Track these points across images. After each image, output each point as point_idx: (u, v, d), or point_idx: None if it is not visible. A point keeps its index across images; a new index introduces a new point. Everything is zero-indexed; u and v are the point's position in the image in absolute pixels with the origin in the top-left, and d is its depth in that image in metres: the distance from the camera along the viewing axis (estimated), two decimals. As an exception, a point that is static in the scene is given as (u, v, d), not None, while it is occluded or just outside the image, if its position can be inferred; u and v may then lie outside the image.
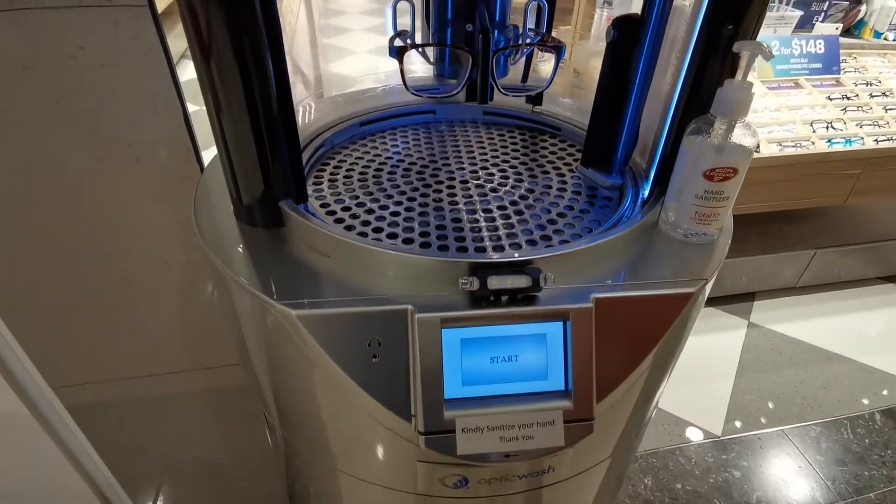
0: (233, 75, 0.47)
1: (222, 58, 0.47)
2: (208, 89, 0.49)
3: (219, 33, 0.45)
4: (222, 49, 0.46)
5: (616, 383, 0.50)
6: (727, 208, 0.53)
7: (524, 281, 0.46)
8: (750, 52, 0.45)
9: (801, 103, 1.86)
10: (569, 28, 2.15)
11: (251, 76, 0.47)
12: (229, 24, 0.45)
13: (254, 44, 0.46)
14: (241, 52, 0.46)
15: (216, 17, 0.44)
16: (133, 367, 1.07)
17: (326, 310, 0.46)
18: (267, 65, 0.47)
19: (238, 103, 0.49)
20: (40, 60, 0.70)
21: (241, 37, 0.45)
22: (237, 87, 0.48)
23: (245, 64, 0.47)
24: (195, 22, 0.44)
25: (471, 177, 0.69)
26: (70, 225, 0.85)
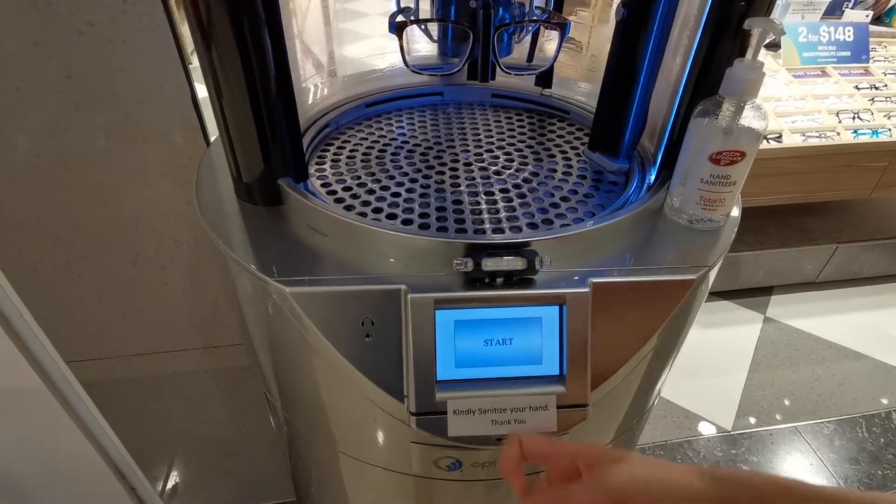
0: (231, 54, 0.47)
1: (221, 36, 0.46)
2: (208, 68, 0.48)
3: (217, 11, 0.45)
4: (221, 28, 0.46)
5: (613, 370, 0.49)
6: (734, 194, 0.51)
7: (520, 263, 0.45)
8: (761, 30, 0.43)
9: (828, 92, 1.80)
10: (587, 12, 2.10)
11: (250, 55, 0.47)
12: (228, 3, 0.44)
13: (252, 22, 0.46)
14: (239, 30, 0.46)
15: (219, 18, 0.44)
16: (143, 345, 1.09)
17: (320, 287, 0.46)
18: (265, 43, 0.47)
19: (237, 82, 0.48)
20: (50, 37, 0.70)
21: (240, 15, 0.45)
22: (236, 65, 0.48)
23: (244, 42, 0.47)
24: (195, 2, 0.44)
25: (475, 159, 0.68)
26: (81, 203, 0.86)
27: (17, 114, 0.75)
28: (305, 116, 0.72)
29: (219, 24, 0.46)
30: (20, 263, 0.92)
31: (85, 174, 0.83)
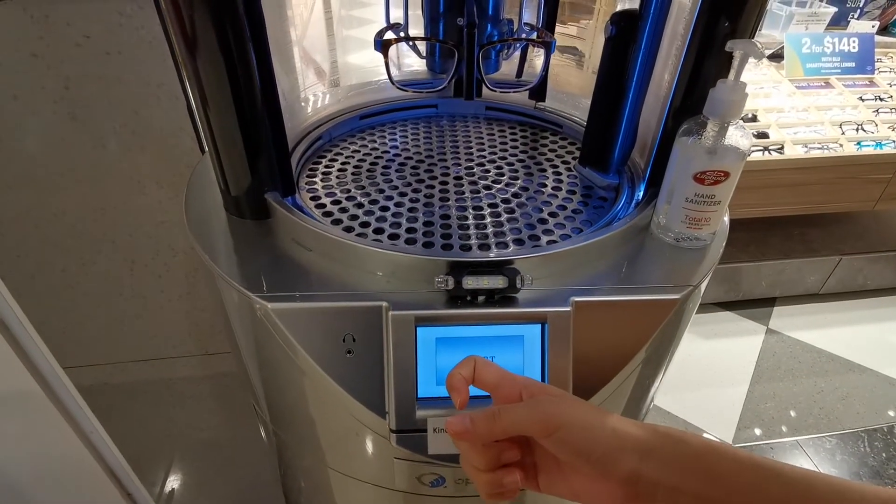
0: (217, 68, 0.47)
1: (206, 51, 0.47)
2: (194, 82, 0.49)
3: (202, 25, 0.45)
4: (206, 42, 0.46)
5: (595, 389, 0.49)
6: (719, 213, 0.51)
7: (500, 282, 0.45)
8: (742, 52, 0.43)
9: (831, 104, 1.79)
10: (589, 23, 2.11)
11: (235, 69, 0.48)
12: (212, 18, 0.45)
13: (237, 38, 0.46)
14: (224, 44, 0.46)
15: (200, 13, 0.44)
16: (139, 351, 1.10)
17: (301, 303, 0.47)
18: (250, 59, 0.47)
19: (223, 96, 0.49)
20: (48, 48, 0.71)
21: (224, 29, 0.46)
22: (222, 79, 0.48)
23: (229, 57, 0.47)
24: (179, 16, 0.45)
25: (466, 173, 0.68)
26: (78, 210, 0.87)
27: (15, 123, 0.77)
28: (299, 128, 0.73)
29: (203, 38, 0.46)
30: (18, 270, 0.93)
31: (82, 182, 0.84)
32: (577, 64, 1.37)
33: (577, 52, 1.40)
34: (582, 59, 1.29)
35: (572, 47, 2.18)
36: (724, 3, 0.47)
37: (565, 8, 3.41)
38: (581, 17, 2.54)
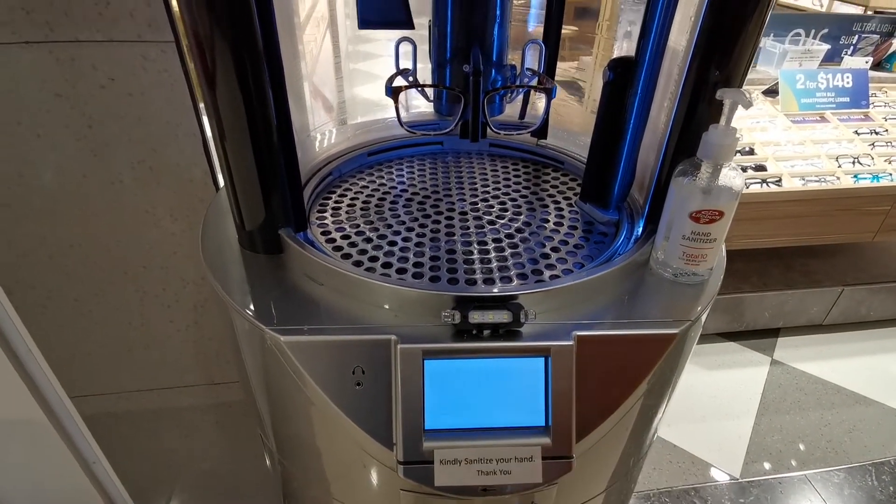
0: (237, 109, 0.50)
1: (227, 94, 0.50)
2: (214, 121, 0.52)
3: (224, 73, 0.49)
4: (227, 86, 0.49)
5: (598, 422, 0.50)
6: (715, 250, 0.53)
7: (505, 316, 0.47)
8: (732, 100, 0.46)
9: (827, 137, 1.83)
10: (590, 58, 2.17)
11: (253, 109, 0.50)
12: (235, 65, 0.48)
13: (256, 78, 0.49)
14: (244, 85, 0.49)
15: (221, 53, 0.47)
16: (146, 381, 1.10)
17: (313, 337, 0.48)
18: (267, 98, 0.50)
19: (242, 136, 0.52)
20: (73, 89, 0.75)
21: (245, 73, 0.49)
22: (240, 119, 0.51)
23: (248, 97, 0.50)
24: (202, 57, 0.48)
25: (471, 208, 0.71)
26: (94, 242, 0.90)
27: (37, 159, 0.80)
28: (310, 165, 0.76)
29: (223, 78, 0.49)
30: (32, 299, 0.95)
31: (99, 215, 0.87)
32: (578, 98, 1.41)
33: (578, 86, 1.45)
34: (582, 93, 1.34)
35: (573, 82, 2.24)
36: (714, 54, 0.50)
37: (566, 44, 3.51)
38: (581, 52, 2.60)
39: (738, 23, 0.49)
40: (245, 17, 0.45)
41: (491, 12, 0.56)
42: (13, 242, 0.86)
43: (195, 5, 0.45)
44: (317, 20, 1.71)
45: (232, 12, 0.45)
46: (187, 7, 0.45)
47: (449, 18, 0.57)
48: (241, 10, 0.45)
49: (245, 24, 0.46)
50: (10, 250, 0.87)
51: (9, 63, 0.72)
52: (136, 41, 0.72)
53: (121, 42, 0.71)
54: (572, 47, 3.27)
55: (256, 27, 0.46)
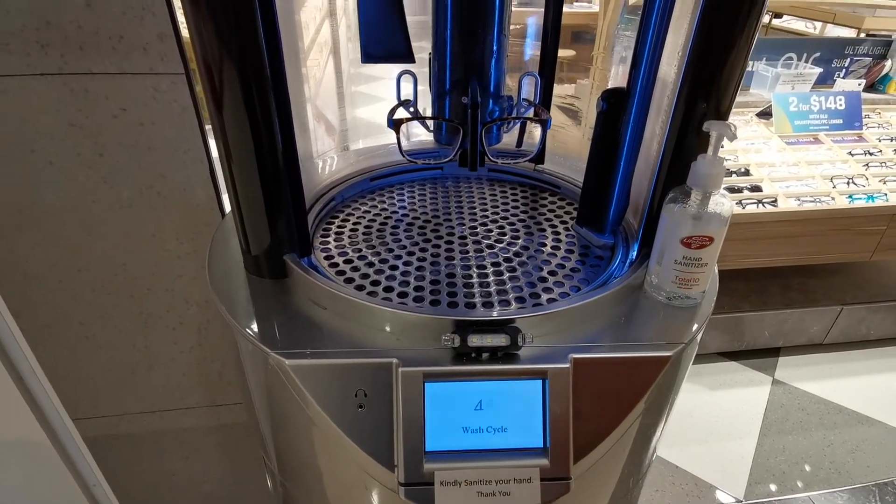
0: (245, 140, 0.53)
1: (235, 122, 0.52)
2: (223, 150, 0.54)
3: (231, 101, 0.51)
4: (235, 114, 0.52)
5: (595, 443, 0.51)
6: (707, 274, 0.55)
7: (503, 339, 0.48)
8: (718, 132, 0.48)
9: (821, 158, 1.86)
10: (587, 81, 2.22)
11: (262, 140, 0.53)
12: (243, 93, 0.50)
13: (265, 115, 0.51)
14: (253, 117, 0.52)
15: (230, 86, 0.50)
16: (149, 402, 1.11)
17: (317, 360, 0.50)
18: (275, 129, 0.53)
19: (249, 165, 0.54)
20: (86, 119, 0.78)
21: (253, 106, 0.51)
22: (249, 151, 0.53)
23: (256, 128, 0.52)
24: (213, 87, 0.50)
25: (470, 233, 0.72)
26: (102, 266, 0.91)
27: (48, 185, 0.82)
28: (314, 190, 0.78)
29: (233, 113, 0.51)
30: (39, 322, 0.96)
31: (107, 239, 0.89)
32: (575, 122, 1.44)
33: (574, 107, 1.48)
34: (579, 118, 1.37)
35: (571, 106, 2.28)
36: (701, 85, 0.52)
37: (564, 67, 3.57)
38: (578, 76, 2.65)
39: (723, 52, 0.51)
40: (254, 46, 0.48)
41: (488, 47, 0.59)
42: (24, 266, 0.88)
43: (206, 35, 0.47)
44: (320, 46, 1.75)
45: (241, 42, 0.47)
46: (198, 36, 0.47)
47: (448, 53, 0.59)
48: (249, 40, 0.47)
49: (253, 54, 0.48)
50: (21, 273, 0.89)
51: (24, 93, 0.75)
52: (148, 73, 0.75)
53: (133, 74, 0.74)
54: (570, 70, 3.34)
55: (264, 56, 0.49)
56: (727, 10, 0.49)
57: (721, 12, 0.49)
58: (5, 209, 0.83)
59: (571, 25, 3.69)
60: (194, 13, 0.46)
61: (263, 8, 0.46)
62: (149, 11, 0.70)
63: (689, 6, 0.52)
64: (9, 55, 0.72)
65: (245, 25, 0.47)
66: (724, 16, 0.49)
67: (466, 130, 0.57)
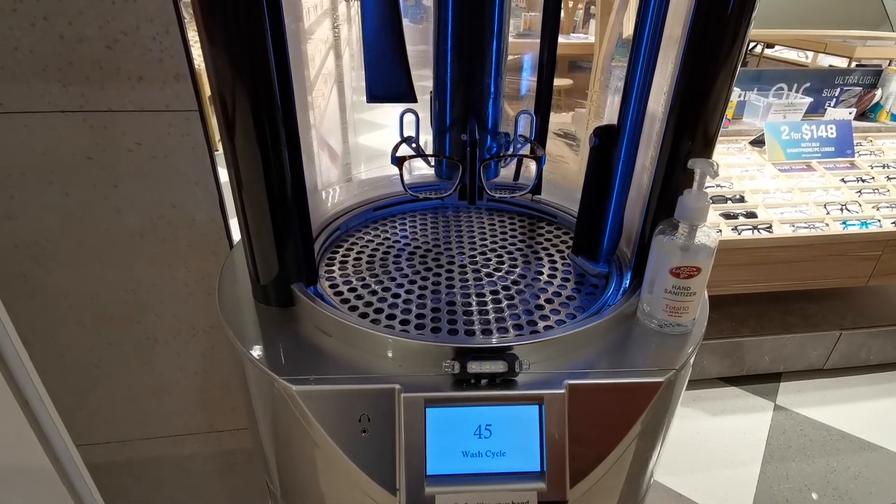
0: (257, 174, 0.56)
1: (247, 156, 0.55)
2: (235, 187, 0.57)
3: (244, 138, 0.54)
4: (247, 149, 0.55)
5: (591, 467, 0.52)
6: (696, 302, 0.57)
7: (501, 366, 0.51)
8: (701, 170, 0.51)
9: (814, 185, 1.90)
10: (584, 111, 2.28)
11: (272, 175, 0.56)
12: (256, 131, 0.54)
13: (275, 147, 0.55)
14: (265, 152, 0.55)
15: (242, 120, 0.53)
16: (152, 428, 1.12)
17: (322, 386, 0.52)
18: (285, 165, 0.56)
19: (260, 198, 0.57)
20: (103, 153, 0.81)
21: (265, 143, 0.54)
22: (260, 184, 0.56)
23: (268, 162, 0.55)
24: (227, 120, 0.53)
25: (469, 261, 0.75)
26: (112, 293, 0.94)
27: (63, 215, 0.85)
28: (319, 220, 0.81)
29: (244, 144, 0.54)
30: (49, 348, 0.98)
31: (118, 267, 0.92)
32: (574, 148, 1.48)
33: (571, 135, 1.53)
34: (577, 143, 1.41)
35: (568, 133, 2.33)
36: (685, 125, 0.56)
37: (562, 95, 3.62)
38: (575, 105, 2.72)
39: (706, 90, 0.55)
40: (265, 79, 0.51)
41: (486, 89, 0.62)
42: (38, 295, 0.91)
43: (221, 68, 0.50)
44: (325, 76, 1.82)
45: (254, 75, 0.50)
46: (214, 70, 0.50)
47: (448, 94, 0.63)
48: (261, 73, 0.50)
49: (265, 87, 0.51)
50: (35, 302, 0.92)
51: (45, 129, 0.79)
52: (164, 111, 0.79)
53: (150, 112, 0.78)
54: (567, 98, 3.42)
55: (276, 89, 0.52)
56: (708, 52, 0.53)
57: (702, 55, 0.53)
58: (22, 239, 0.86)
59: (569, 55, 3.79)
60: (211, 48, 0.49)
61: (276, 42, 0.50)
62: (167, 54, 0.74)
63: (672, 50, 0.56)
64: (31, 93, 0.76)
65: (257, 58, 0.49)
66: (706, 57, 0.53)
67: (466, 166, 0.60)
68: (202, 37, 0.49)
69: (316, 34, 1.55)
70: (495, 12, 0.60)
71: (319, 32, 1.37)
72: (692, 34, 0.51)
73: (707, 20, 0.51)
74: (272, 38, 0.49)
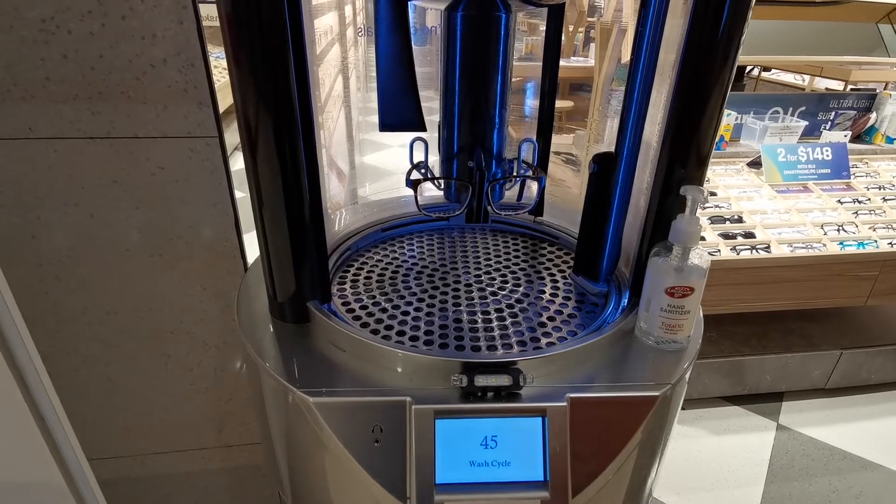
0: (277, 197, 0.60)
1: (269, 185, 0.59)
2: (257, 210, 0.61)
3: (266, 160, 0.58)
4: (269, 179, 0.59)
5: (592, 477, 0.55)
6: (690, 320, 0.60)
7: (506, 380, 0.54)
8: (692, 196, 0.55)
9: (811, 206, 1.94)
10: (584, 132, 2.33)
11: (292, 200, 0.60)
12: (279, 165, 0.58)
13: (295, 178, 0.59)
14: (286, 182, 0.59)
15: (265, 148, 0.57)
16: (163, 443, 1.15)
17: (338, 398, 0.55)
18: (303, 191, 0.60)
19: (279, 221, 0.61)
20: (127, 176, 0.86)
21: (287, 177, 0.58)
22: (280, 209, 0.60)
23: (288, 190, 0.59)
24: (251, 142, 0.57)
25: (475, 280, 0.79)
26: (129, 310, 0.98)
27: (86, 235, 0.89)
28: (331, 241, 0.85)
29: (267, 173, 0.58)
30: (67, 363, 1.01)
31: (137, 285, 0.95)
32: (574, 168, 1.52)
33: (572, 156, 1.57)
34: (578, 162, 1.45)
35: (569, 154, 2.38)
36: (678, 155, 0.60)
37: (563, 117, 3.70)
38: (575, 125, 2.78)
39: (697, 119, 0.59)
40: (287, 104, 0.55)
41: (491, 120, 0.67)
42: (59, 311, 0.95)
43: (247, 93, 0.54)
44: (334, 99, 1.87)
45: (277, 100, 0.54)
46: (241, 94, 0.54)
47: (455, 124, 0.67)
48: (284, 98, 0.54)
49: (286, 111, 0.55)
50: (55, 318, 0.95)
51: (73, 155, 0.83)
52: (186, 137, 0.83)
53: (173, 138, 0.83)
54: (568, 120, 3.48)
55: (297, 114, 0.56)
56: (700, 76, 0.57)
57: (694, 79, 0.57)
58: (45, 257, 0.90)
59: (570, 78, 3.87)
60: (238, 73, 0.53)
61: (298, 71, 0.54)
62: (191, 84, 0.79)
63: (665, 83, 0.60)
64: (61, 120, 0.81)
65: (280, 84, 0.53)
66: (698, 82, 0.57)
67: (473, 190, 0.64)
68: (230, 65, 0.53)
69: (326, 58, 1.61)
70: (500, 50, 0.64)
71: (329, 54, 1.43)
72: (685, 58, 0.55)
73: (699, 46, 0.55)
74: (294, 68, 0.53)
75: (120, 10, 0.74)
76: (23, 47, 0.76)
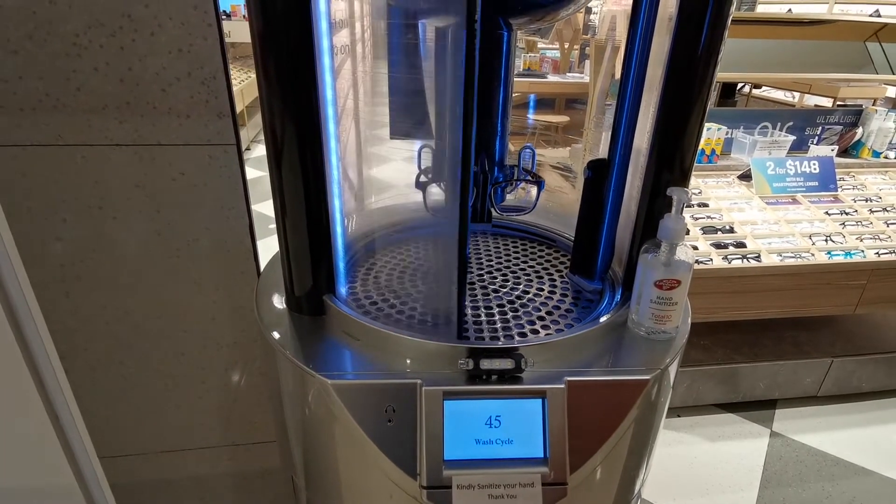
0: (299, 204, 0.65)
1: (291, 190, 0.65)
2: (279, 212, 0.66)
3: (290, 169, 0.64)
4: (292, 184, 0.64)
5: (588, 454, 0.60)
6: (678, 312, 0.66)
7: (509, 363, 0.59)
8: (677, 197, 0.61)
9: (800, 218, 2.00)
10: (579, 145, 2.40)
11: (312, 203, 0.65)
12: (301, 171, 0.63)
13: (318, 185, 0.64)
14: (308, 190, 0.64)
15: (290, 166, 0.62)
16: (172, 441, 1.18)
17: (354, 381, 0.59)
18: (322, 195, 0.65)
19: (300, 222, 0.66)
20: (150, 181, 0.91)
21: (308, 182, 0.64)
22: (301, 211, 0.65)
23: (308, 193, 0.65)
24: (277, 152, 0.62)
25: (478, 279, 0.84)
26: (146, 309, 1.02)
27: (108, 238, 0.94)
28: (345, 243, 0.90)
29: (290, 179, 0.64)
30: (83, 363, 1.05)
31: (154, 285, 1.00)
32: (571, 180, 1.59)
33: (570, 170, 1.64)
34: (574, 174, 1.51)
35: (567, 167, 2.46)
36: (665, 160, 0.65)
37: (559, 131, 3.77)
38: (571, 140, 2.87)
39: (681, 128, 0.65)
40: (309, 113, 0.60)
41: (494, 129, 0.73)
42: (78, 311, 0.99)
43: (274, 105, 0.59)
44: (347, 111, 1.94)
45: (300, 109, 0.60)
46: (268, 107, 0.60)
47: (461, 132, 0.73)
48: (306, 108, 0.59)
49: (309, 119, 0.60)
50: (74, 317, 1.00)
51: (99, 160, 0.89)
52: (206, 144, 0.89)
53: (194, 145, 0.88)
54: (565, 134, 3.56)
55: (320, 122, 0.61)
56: (682, 97, 0.63)
57: (679, 90, 0.63)
58: (69, 259, 0.95)
59: (566, 93, 3.96)
60: (266, 87, 0.59)
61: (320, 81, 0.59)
62: (213, 95, 0.84)
63: (652, 95, 0.66)
64: (90, 128, 0.86)
65: (303, 96, 0.59)
66: (682, 93, 0.63)
67: (478, 192, 0.70)
68: (259, 77, 0.59)
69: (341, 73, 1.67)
70: (503, 67, 0.70)
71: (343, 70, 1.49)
72: (670, 72, 0.61)
73: (682, 61, 0.61)
74: (318, 83, 0.59)
75: (149, 27, 0.80)
76: (56, 60, 0.81)
